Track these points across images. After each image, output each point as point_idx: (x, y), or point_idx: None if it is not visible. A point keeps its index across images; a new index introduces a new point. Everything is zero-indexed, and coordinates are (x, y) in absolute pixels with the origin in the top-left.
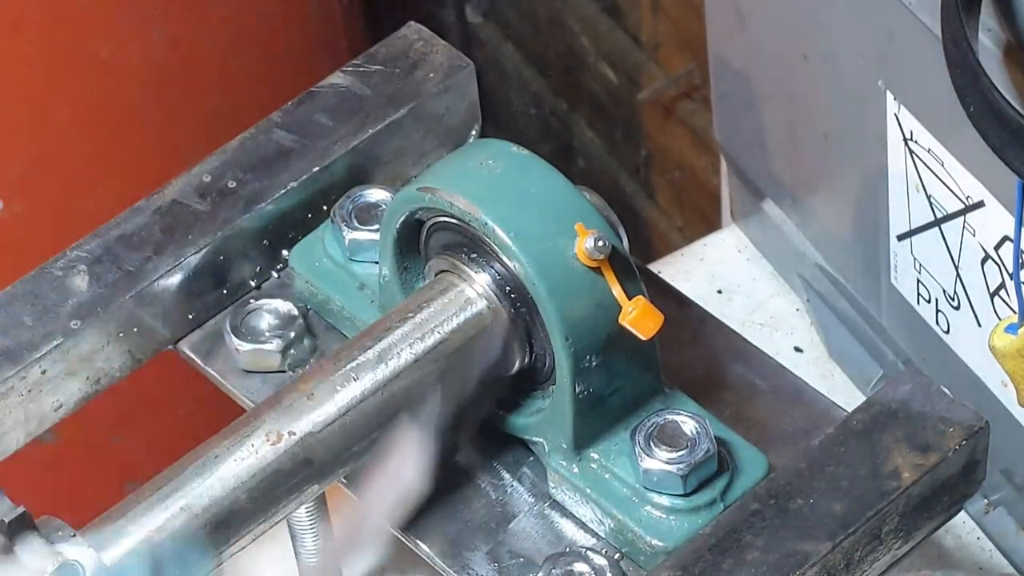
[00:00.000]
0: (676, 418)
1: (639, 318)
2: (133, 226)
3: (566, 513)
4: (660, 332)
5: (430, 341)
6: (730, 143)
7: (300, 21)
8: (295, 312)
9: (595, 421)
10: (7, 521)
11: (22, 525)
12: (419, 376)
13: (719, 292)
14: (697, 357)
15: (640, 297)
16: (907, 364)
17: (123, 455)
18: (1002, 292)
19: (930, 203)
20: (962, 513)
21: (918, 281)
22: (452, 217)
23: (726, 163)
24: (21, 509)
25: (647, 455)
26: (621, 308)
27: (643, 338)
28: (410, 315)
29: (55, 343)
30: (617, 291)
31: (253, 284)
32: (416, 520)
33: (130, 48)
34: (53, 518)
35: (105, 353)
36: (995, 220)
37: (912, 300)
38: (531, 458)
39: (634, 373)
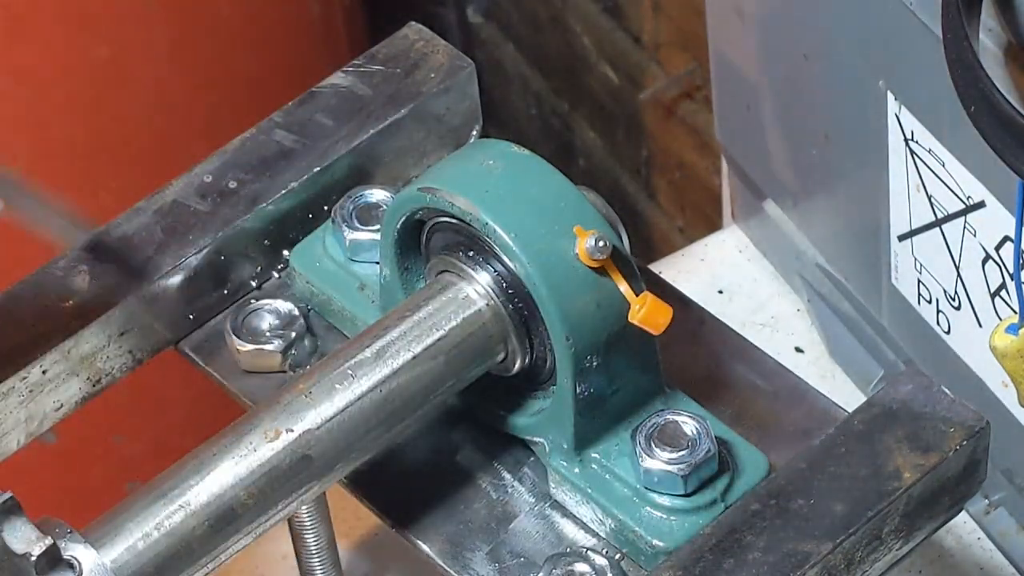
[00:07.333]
0: (677, 418)
1: (649, 314)
2: (134, 226)
3: (567, 513)
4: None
5: (429, 340)
6: (731, 143)
7: (301, 21)
8: (296, 312)
9: (596, 421)
10: None
11: (8, 510)
12: (418, 374)
13: (720, 292)
14: (698, 357)
15: (647, 293)
16: (908, 364)
17: (123, 455)
18: (1003, 292)
19: (931, 203)
20: (963, 513)
21: (919, 281)
22: (453, 217)
23: (727, 163)
24: (8, 495)
25: (648, 455)
26: (621, 308)
27: (655, 333)
28: (409, 314)
29: (56, 343)
30: (624, 288)
31: (254, 284)
32: (416, 520)
33: (130, 48)
34: (52, 518)
35: (105, 353)
36: (996, 220)
37: (913, 300)
38: (532, 458)
39: (635, 373)
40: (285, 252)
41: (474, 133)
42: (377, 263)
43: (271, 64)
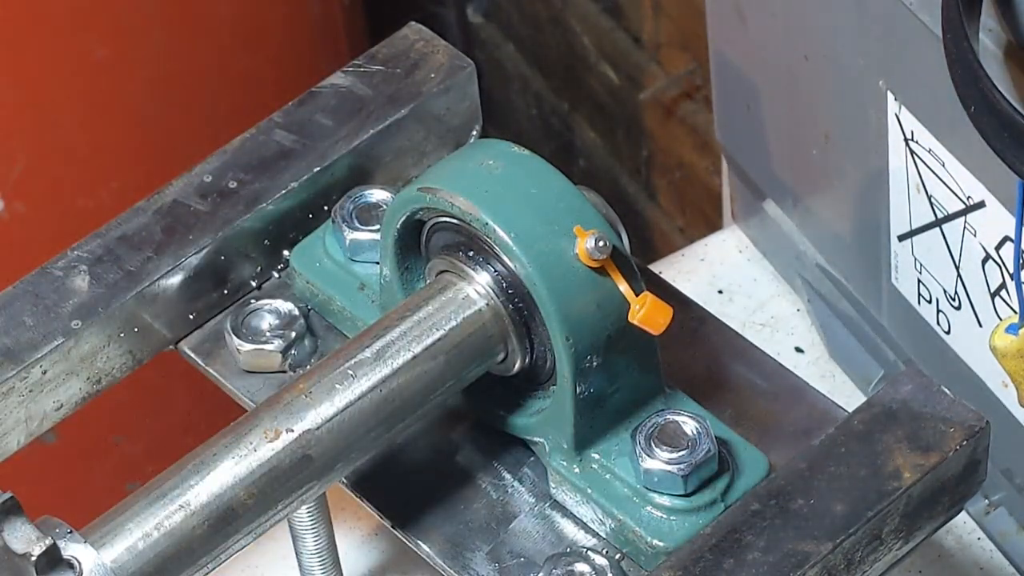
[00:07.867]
0: (677, 418)
1: (649, 314)
2: (134, 226)
3: (567, 513)
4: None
5: (429, 339)
6: (731, 143)
7: (301, 21)
8: (296, 312)
9: (596, 421)
10: None
11: (8, 510)
12: (418, 374)
13: (720, 292)
14: (698, 357)
15: (647, 293)
16: (908, 364)
17: (123, 455)
18: (1003, 292)
19: (931, 203)
20: (963, 513)
21: (919, 281)
22: (453, 217)
23: (727, 163)
24: (8, 495)
25: (648, 455)
26: (621, 308)
27: (655, 333)
28: (409, 314)
29: (56, 343)
30: (625, 288)
31: (254, 284)
32: (416, 520)
33: (130, 48)
34: (52, 517)
35: (105, 353)
36: (996, 220)
37: (913, 300)
38: (532, 458)
39: (635, 373)
40: (285, 252)
41: (474, 133)
42: (377, 263)
43: (271, 64)
